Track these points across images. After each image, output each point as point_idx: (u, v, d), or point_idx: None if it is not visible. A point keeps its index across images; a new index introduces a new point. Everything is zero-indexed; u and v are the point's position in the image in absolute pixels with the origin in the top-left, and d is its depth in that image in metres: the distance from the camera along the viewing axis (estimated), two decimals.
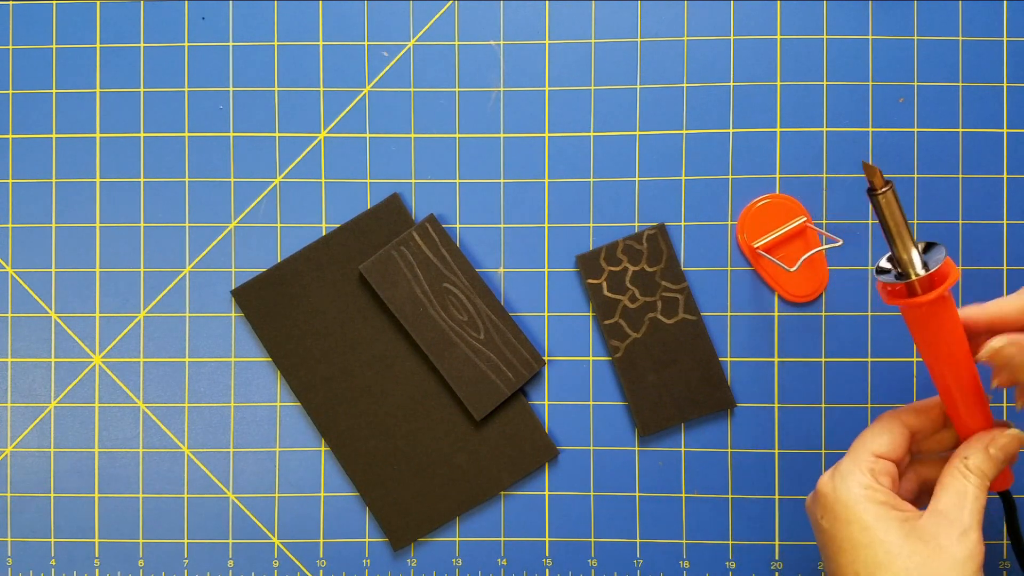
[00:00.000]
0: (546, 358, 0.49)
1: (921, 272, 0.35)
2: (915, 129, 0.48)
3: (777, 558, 0.48)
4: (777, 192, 0.48)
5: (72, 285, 0.49)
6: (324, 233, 0.49)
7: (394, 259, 0.48)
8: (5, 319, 0.49)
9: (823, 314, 0.48)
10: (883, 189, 0.35)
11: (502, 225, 0.49)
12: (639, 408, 0.48)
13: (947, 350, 0.36)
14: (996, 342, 0.36)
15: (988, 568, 0.48)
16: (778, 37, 0.48)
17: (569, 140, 0.49)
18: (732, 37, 0.48)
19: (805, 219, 0.47)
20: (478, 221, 0.49)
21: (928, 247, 0.37)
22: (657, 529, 0.49)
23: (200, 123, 0.49)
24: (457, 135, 0.49)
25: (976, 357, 0.37)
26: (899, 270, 0.36)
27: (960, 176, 0.48)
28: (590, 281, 0.48)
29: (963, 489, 0.37)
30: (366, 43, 0.49)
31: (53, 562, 0.49)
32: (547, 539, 0.49)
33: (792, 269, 0.46)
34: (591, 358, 0.49)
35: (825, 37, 0.48)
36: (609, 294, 0.48)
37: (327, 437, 0.49)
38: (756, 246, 0.47)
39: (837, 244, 0.46)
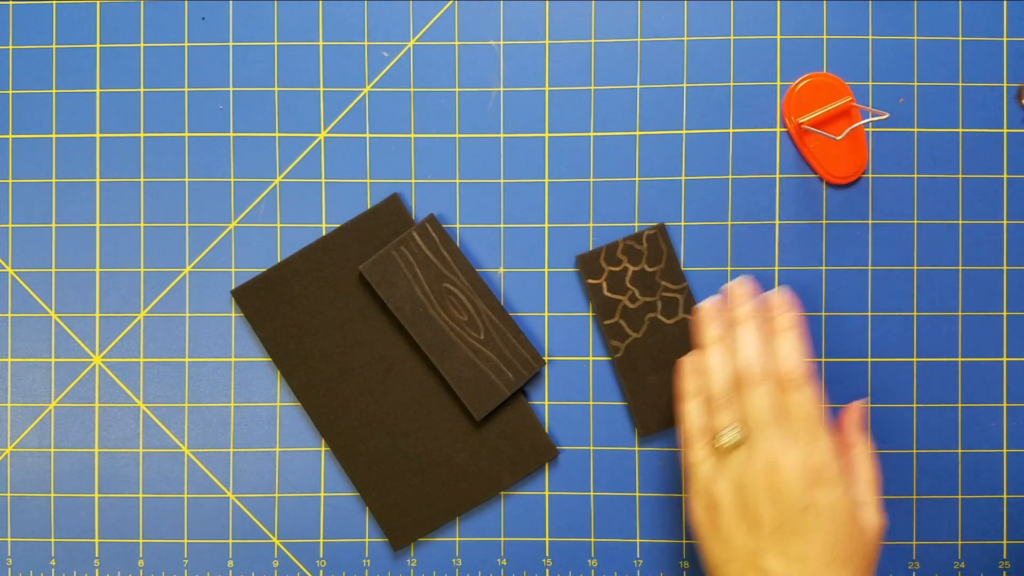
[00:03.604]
0: (546, 358, 0.49)
1: None
2: (915, 129, 0.48)
3: None
4: (825, 71, 0.48)
5: (72, 285, 0.49)
6: (324, 233, 0.49)
7: (394, 259, 0.48)
8: (5, 319, 0.49)
9: (823, 314, 0.48)
10: None
11: (502, 225, 0.49)
12: (639, 408, 0.48)
13: None
14: None
15: (988, 568, 0.48)
16: (778, 37, 0.48)
17: (569, 140, 0.49)
18: (732, 37, 0.48)
19: (851, 98, 0.47)
20: (478, 221, 0.49)
21: None
22: (657, 529, 0.49)
23: (200, 123, 0.49)
24: (457, 135, 0.49)
25: None
26: None
27: (960, 176, 0.48)
28: (590, 281, 0.48)
29: None
30: (366, 43, 0.49)
31: (53, 562, 0.49)
32: (547, 539, 0.49)
33: (839, 137, 0.46)
34: (591, 358, 0.49)
35: (825, 37, 0.48)
36: (609, 294, 0.48)
37: (327, 437, 0.49)
38: (801, 122, 0.47)
39: (883, 117, 0.45)
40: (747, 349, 0.42)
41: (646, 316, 0.48)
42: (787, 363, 0.41)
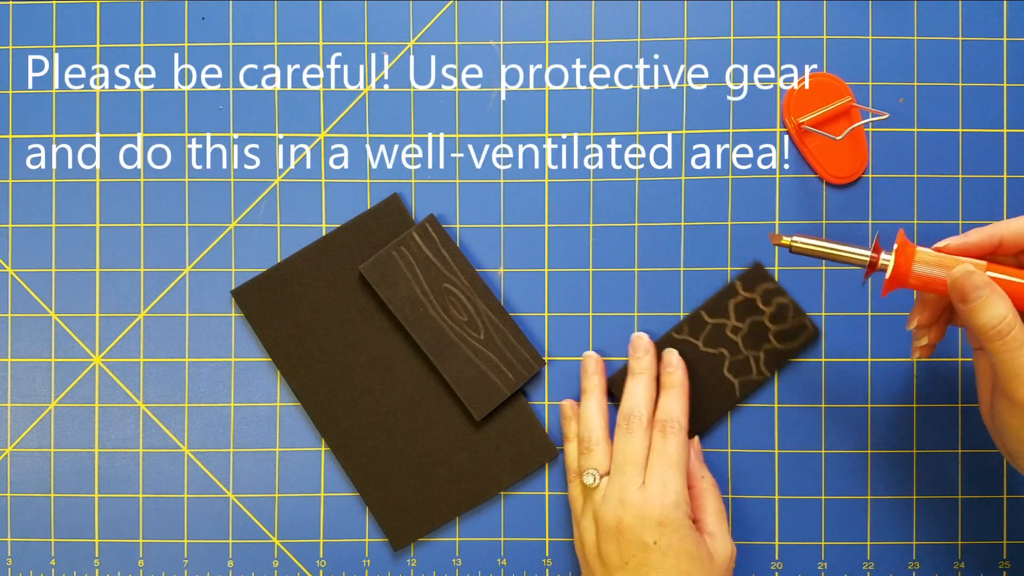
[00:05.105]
0: (546, 358, 0.49)
1: (870, 252, 0.40)
2: (915, 129, 0.48)
3: (777, 558, 0.48)
4: (825, 71, 0.48)
5: (72, 285, 0.49)
6: (324, 233, 0.49)
7: (394, 259, 0.48)
8: (5, 319, 0.49)
9: (823, 314, 0.48)
10: (790, 243, 0.40)
11: (502, 225, 0.49)
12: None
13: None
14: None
15: (988, 568, 0.48)
16: (778, 37, 0.48)
17: (569, 141, 0.49)
18: (732, 37, 0.48)
19: (851, 98, 0.47)
20: (478, 221, 0.49)
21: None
22: None
23: (200, 123, 0.49)
24: (457, 135, 0.49)
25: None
26: (869, 271, 0.40)
27: (960, 176, 0.48)
28: (738, 283, 0.48)
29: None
30: (366, 43, 0.49)
31: (53, 562, 0.49)
32: (547, 539, 0.49)
33: (839, 138, 0.46)
34: None
35: (825, 37, 0.48)
36: (731, 306, 0.48)
37: (327, 437, 0.49)
38: (801, 122, 0.47)
39: (883, 117, 0.46)
40: (635, 397, 0.45)
41: (720, 347, 0.48)
42: (666, 413, 0.44)
